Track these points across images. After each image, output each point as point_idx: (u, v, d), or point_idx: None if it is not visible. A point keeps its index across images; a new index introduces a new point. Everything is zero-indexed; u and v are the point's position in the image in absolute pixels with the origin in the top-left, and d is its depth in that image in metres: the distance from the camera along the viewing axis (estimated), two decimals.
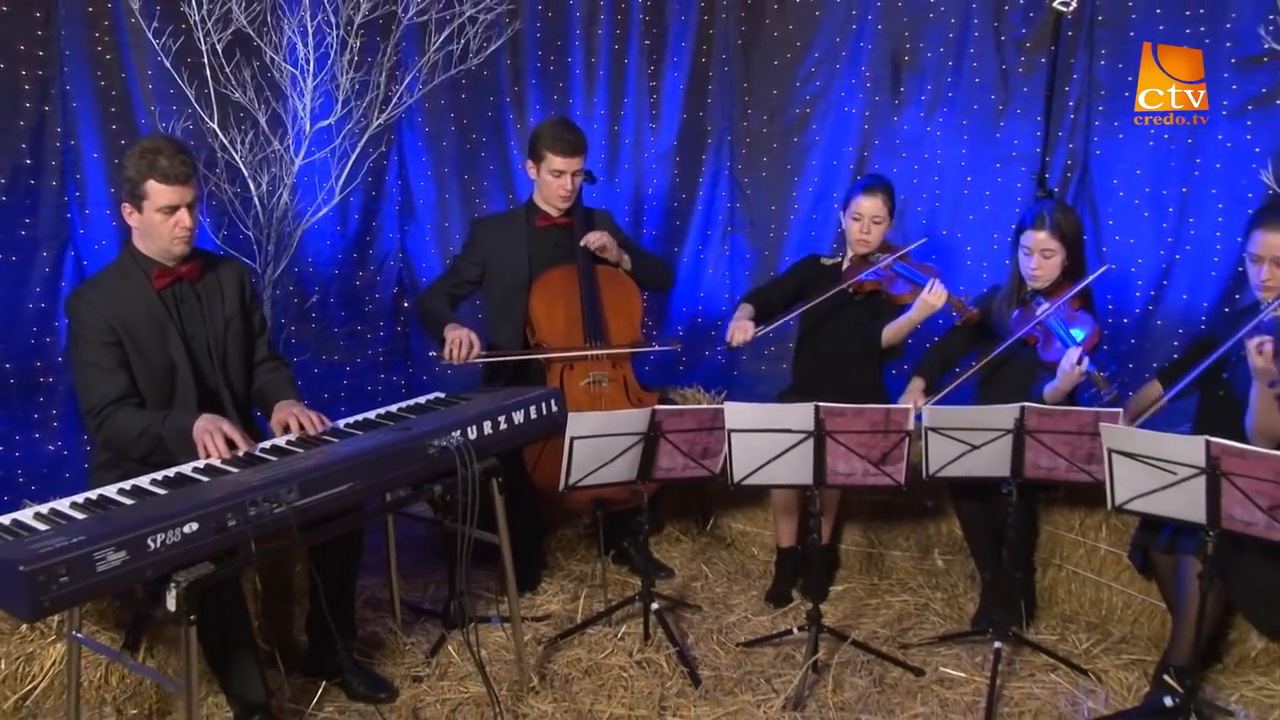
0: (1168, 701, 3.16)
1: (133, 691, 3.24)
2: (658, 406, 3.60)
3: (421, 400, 3.58)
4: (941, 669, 3.59)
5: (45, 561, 2.22)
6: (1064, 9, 4.86)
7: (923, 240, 4.78)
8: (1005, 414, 3.36)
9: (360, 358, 5.74)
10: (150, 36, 4.41)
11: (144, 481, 2.79)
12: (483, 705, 3.37)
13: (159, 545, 2.40)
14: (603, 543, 4.30)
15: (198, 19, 4.37)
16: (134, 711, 3.23)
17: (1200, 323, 4.81)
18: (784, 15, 5.56)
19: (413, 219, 5.80)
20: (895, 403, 4.14)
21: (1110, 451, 3.04)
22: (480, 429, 3.20)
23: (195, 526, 2.47)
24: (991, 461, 3.41)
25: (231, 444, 3.01)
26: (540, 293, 4.24)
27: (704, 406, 3.67)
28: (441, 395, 3.63)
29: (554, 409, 3.48)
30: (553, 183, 4.30)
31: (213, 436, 2.99)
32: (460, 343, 3.99)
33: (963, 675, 3.54)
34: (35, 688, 3.10)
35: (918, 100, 5.39)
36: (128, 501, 2.63)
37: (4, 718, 3.10)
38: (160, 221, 3.15)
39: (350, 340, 5.65)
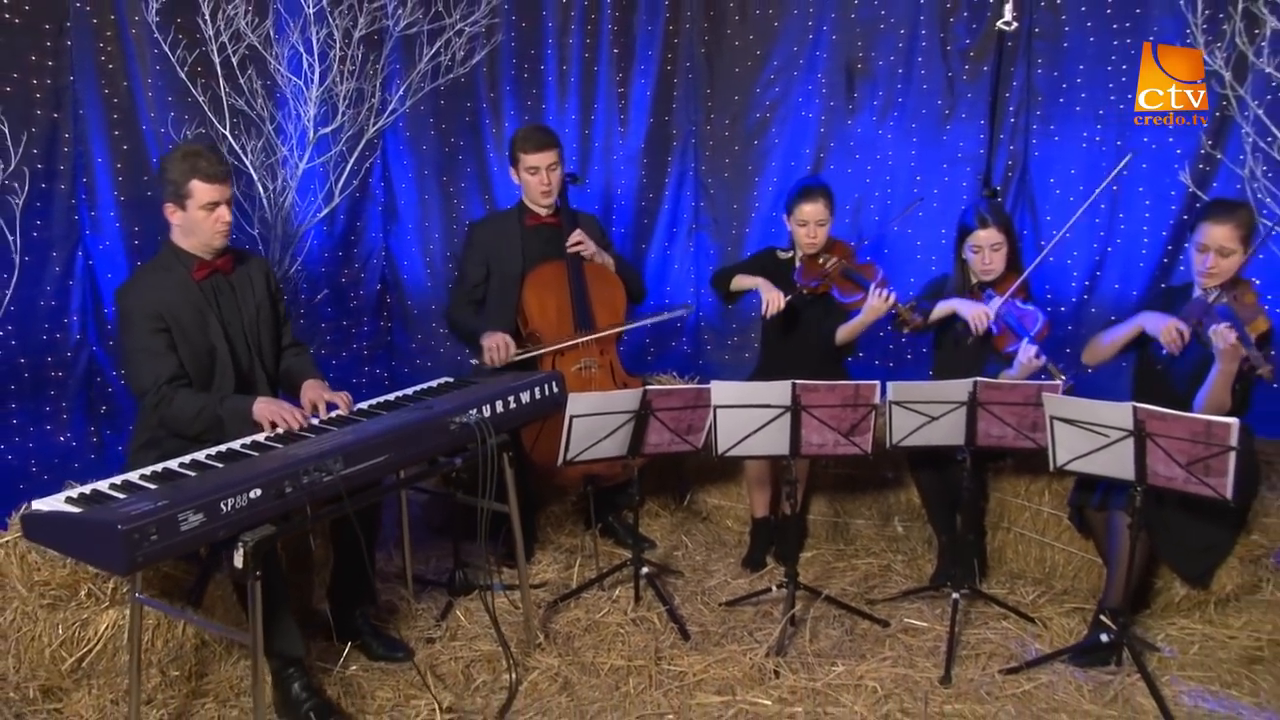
0: (1103, 638, 3.59)
1: (175, 654, 3.53)
2: (648, 386, 3.96)
3: (434, 384, 3.92)
4: (906, 620, 3.99)
5: (138, 522, 2.53)
6: (1006, 27, 5.31)
7: (864, 241, 5.16)
8: (960, 388, 3.77)
9: (345, 351, 6.04)
10: (166, 49, 4.69)
11: (201, 456, 3.10)
12: (493, 661, 3.71)
13: (230, 509, 2.72)
14: (593, 515, 4.66)
15: (211, 33, 4.66)
16: (175, 673, 3.53)
17: (1131, 310, 5.28)
18: (745, 26, 5.94)
19: (395, 219, 6.12)
20: None
21: (1052, 419, 3.45)
22: (493, 408, 3.54)
23: (259, 492, 2.79)
24: (948, 431, 3.81)
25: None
26: (532, 286, 4.58)
27: (691, 386, 4.04)
28: (450, 379, 3.96)
29: (555, 390, 3.83)
30: (531, 180, 4.62)
31: (280, 412, 3.34)
32: (497, 347, 4.34)
33: (925, 625, 3.95)
34: (91, 650, 3.40)
35: (870, 106, 5.80)
36: (191, 474, 2.94)
37: (62, 678, 3.39)
38: (203, 218, 3.46)
39: (336, 335, 5.95)
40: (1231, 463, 3.17)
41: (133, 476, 2.94)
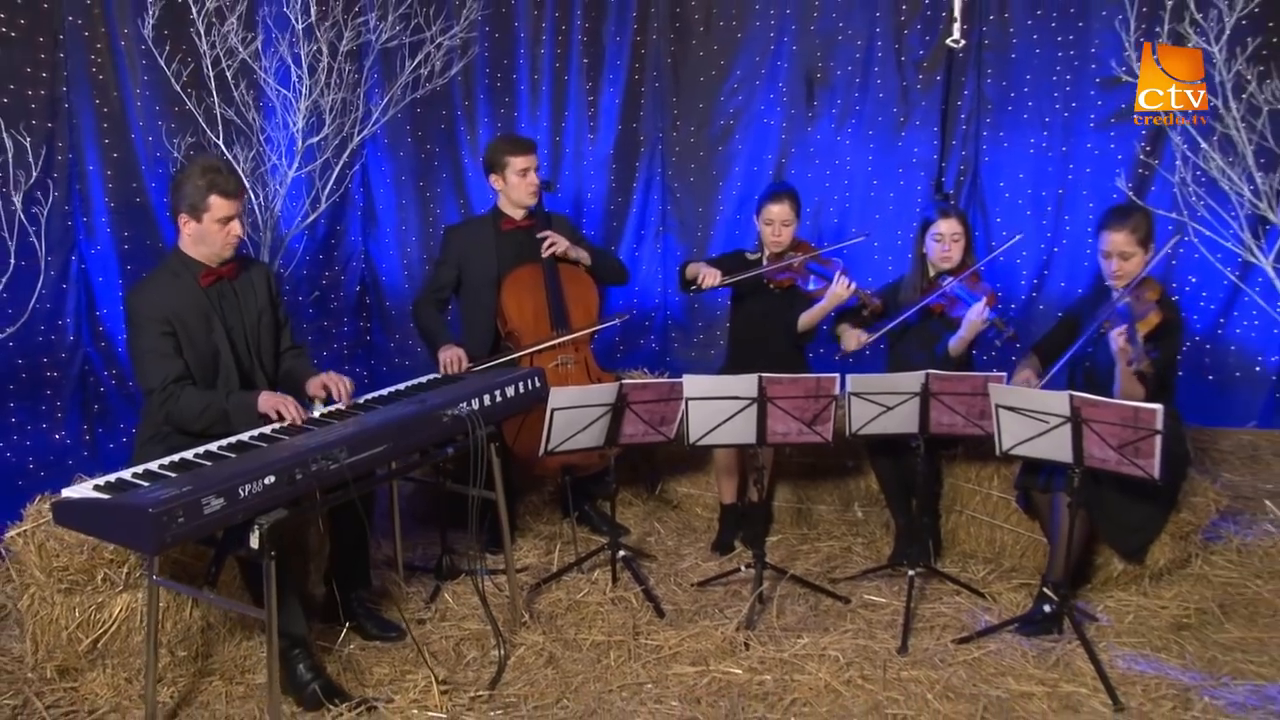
0: (1047, 609, 3.90)
1: (183, 635, 3.76)
2: (624, 380, 4.23)
3: (424, 379, 4.17)
4: (865, 596, 4.29)
5: (166, 506, 2.76)
6: (955, 45, 5.63)
7: (859, 238, 5.44)
8: (913, 379, 4.07)
9: (326, 351, 6.27)
10: (161, 62, 4.90)
11: (213, 447, 3.33)
12: (482, 639, 3.96)
13: (247, 494, 2.96)
14: (570, 504, 4.92)
15: (205, 48, 4.88)
16: (183, 653, 3.75)
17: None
18: (709, 37, 6.23)
19: (374, 224, 6.35)
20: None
21: (997, 407, 3.75)
22: (481, 401, 3.80)
23: (273, 479, 3.03)
24: (903, 420, 4.11)
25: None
26: (510, 289, 4.83)
27: (664, 380, 4.31)
28: (438, 375, 4.21)
29: (538, 385, 4.09)
30: (521, 182, 4.85)
31: (284, 403, 3.58)
32: (451, 361, 4.58)
33: (883, 600, 4.25)
34: (106, 632, 3.62)
35: (829, 114, 6.10)
36: (207, 463, 3.18)
37: (78, 659, 3.61)
38: (217, 230, 3.68)
39: (317, 335, 6.18)
40: (1158, 445, 3.48)
41: (152, 466, 3.17)
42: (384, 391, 3.96)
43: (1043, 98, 5.75)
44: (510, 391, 3.96)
